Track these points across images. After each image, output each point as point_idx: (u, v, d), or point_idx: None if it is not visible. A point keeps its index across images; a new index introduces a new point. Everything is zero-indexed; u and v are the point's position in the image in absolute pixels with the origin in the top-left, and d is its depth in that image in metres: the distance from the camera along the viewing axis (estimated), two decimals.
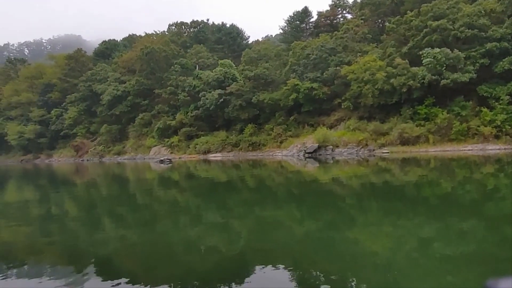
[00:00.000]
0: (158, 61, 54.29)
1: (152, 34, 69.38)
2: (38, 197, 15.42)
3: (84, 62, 68.72)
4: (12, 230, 8.65)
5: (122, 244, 6.95)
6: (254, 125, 42.63)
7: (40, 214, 10.72)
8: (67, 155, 60.81)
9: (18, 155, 69.21)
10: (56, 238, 7.65)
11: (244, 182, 17.05)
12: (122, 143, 56.16)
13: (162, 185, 18.04)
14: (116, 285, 4.61)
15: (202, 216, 9.54)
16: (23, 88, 71.19)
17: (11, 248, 7.07)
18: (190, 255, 5.97)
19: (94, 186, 19.11)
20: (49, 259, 6.12)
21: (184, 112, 47.96)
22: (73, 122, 61.74)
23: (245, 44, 63.75)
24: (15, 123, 68.34)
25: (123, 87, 55.80)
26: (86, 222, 9.41)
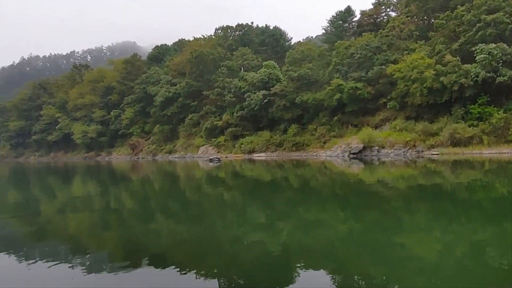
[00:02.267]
0: (206, 64, 55.43)
1: (200, 38, 70.96)
2: (99, 191, 16.30)
3: (139, 66, 71.74)
4: (78, 220, 9.24)
5: (173, 237, 7.17)
6: (297, 125, 42.20)
7: (101, 207, 11.32)
8: (124, 153, 63.81)
9: (82, 153, 73.78)
10: (115, 229, 8.06)
11: (287, 182, 16.90)
12: (173, 142, 58.04)
13: (210, 183, 18.37)
14: (167, 276, 4.78)
15: (247, 214, 9.55)
16: (86, 91, 75.49)
17: (76, 236, 7.56)
18: (235, 250, 6.03)
19: (148, 182, 19.88)
20: (108, 248, 6.46)
21: (230, 112, 48.60)
22: (130, 122, 64.73)
23: (288, 46, 63.32)
24: (80, 123, 72.88)
25: (174, 89, 57.61)
26: (141, 215, 9.80)
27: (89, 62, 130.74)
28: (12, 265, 5.43)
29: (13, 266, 5.41)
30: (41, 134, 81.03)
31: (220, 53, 57.59)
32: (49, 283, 4.74)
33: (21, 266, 5.42)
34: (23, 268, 5.27)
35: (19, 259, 5.75)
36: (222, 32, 71.08)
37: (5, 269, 5.29)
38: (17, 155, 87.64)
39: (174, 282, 4.58)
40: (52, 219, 9.76)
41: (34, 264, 5.47)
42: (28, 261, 5.61)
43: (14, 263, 5.56)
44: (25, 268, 5.30)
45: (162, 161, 45.05)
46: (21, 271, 5.17)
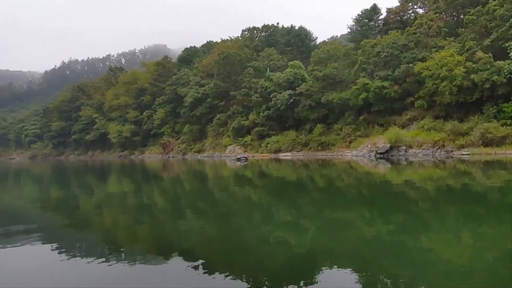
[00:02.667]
0: (233, 65, 55.75)
1: (227, 40, 71.43)
2: (133, 189, 16.71)
3: (170, 68, 73.11)
4: (113, 217, 9.57)
5: (202, 235, 7.25)
6: (323, 125, 41.70)
7: (135, 204, 11.59)
8: (156, 152, 65.26)
9: (117, 152, 76.10)
10: (147, 226, 8.22)
11: (313, 182, 16.73)
12: (201, 142, 58.80)
13: (237, 182, 18.49)
14: (195, 272, 4.86)
15: (273, 213, 9.54)
16: (121, 93, 77.68)
17: (111, 232, 7.82)
18: (261, 249, 6.03)
19: (179, 181, 20.25)
20: (140, 244, 6.63)
21: (257, 112, 48.69)
22: (161, 122, 66.15)
23: (313, 46, 62.67)
24: (115, 123, 75.15)
25: (203, 90, 58.31)
26: (171, 212, 10.00)
27: (123, 65, 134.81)
28: (54, 257, 5.71)
29: (55, 257, 5.68)
30: (80, 133, 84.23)
31: (247, 54, 57.78)
32: (87, 274, 4.96)
33: (61, 257, 5.69)
34: (63, 260, 5.53)
35: (60, 251, 6.04)
36: (249, 33, 71.30)
37: (47, 260, 5.56)
38: (59, 154, 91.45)
39: (202, 279, 4.65)
40: (90, 214, 10.13)
41: (73, 256, 5.75)
42: (68, 253, 5.90)
43: (55, 254, 5.84)
44: (66, 259, 5.57)
45: (191, 160, 45.71)
46: (61, 262, 5.42)
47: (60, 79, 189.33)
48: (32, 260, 5.61)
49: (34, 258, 5.72)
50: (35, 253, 5.91)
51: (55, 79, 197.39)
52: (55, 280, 4.78)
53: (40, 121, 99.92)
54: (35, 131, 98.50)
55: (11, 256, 5.76)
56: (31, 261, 5.60)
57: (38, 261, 5.58)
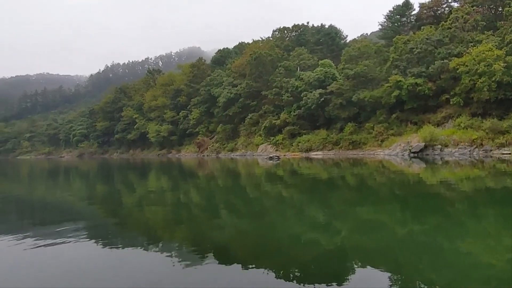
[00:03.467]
0: (265, 65, 55.72)
1: (258, 41, 71.47)
2: (171, 185, 17.14)
3: (204, 69, 74.18)
4: (152, 212, 9.83)
5: (235, 231, 7.32)
6: (354, 123, 40.74)
7: (172, 200, 11.87)
8: (192, 150, 66.50)
9: (156, 150, 78.24)
10: (184, 221, 8.41)
11: (344, 181, 16.40)
12: (234, 141, 59.23)
13: (269, 180, 18.47)
14: (229, 268, 4.92)
15: (304, 212, 9.44)
16: (159, 94, 79.77)
17: (150, 227, 8.04)
18: (293, 247, 5.98)
19: (213, 179, 20.52)
20: (177, 239, 6.76)
21: (288, 111, 48.40)
22: (196, 122, 67.33)
23: (343, 44, 61.38)
24: (154, 123, 77.30)
25: (235, 90, 58.70)
26: (206, 209, 10.14)
27: (160, 67, 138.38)
28: (98, 251, 5.97)
29: (99, 251, 5.94)
30: (122, 133, 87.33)
31: (278, 54, 57.58)
32: (125, 265, 5.16)
33: (104, 249, 5.96)
34: (106, 253, 5.78)
35: (105, 245, 6.30)
36: (279, 33, 70.98)
37: (92, 254, 5.81)
38: (103, 152, 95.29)
39: (235, 274, 4.69)
40: (131, 210, 10.48)
41: (115, 248, 6.01)
42: (111, 246, 6.19)
43: (100, 249, 6.10)
44: (109, 253, 5.82)
45: (225, 159, 46.14)
46: (105, 256, 5.67)
47: (104, 81, 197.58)
48: (79, 251, 5.90)
49: (81, 249, 6.00)
50: (82, 246, 6.20)
51: (99, 82, 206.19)
52: (96, 270, 5.01)
53: (86, 122, 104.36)
54: (82, 131, 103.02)
55: (63, 248, 6.07)
56: (79, 251, 5.89)
57: (84, 252, 5.86)
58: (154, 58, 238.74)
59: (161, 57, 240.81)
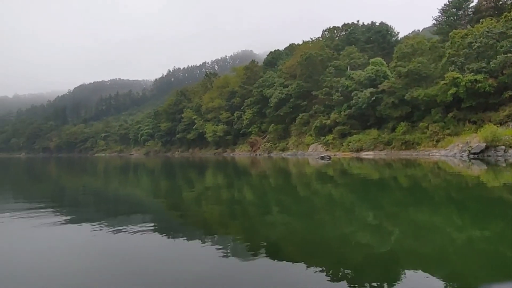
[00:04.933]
0: (315, 65, 54.86)
1: (308, 41, 70.56)
2: (226, 183, 17.57)
3: (257, 71, 74.96)
4: (208, 207, 10.17)
5: (286, 229, 7.27)
6: (407, 123, 38.47)
7: (227, 196, 12.15)
8: (245, 150, 67.52)
9: (212, 149, 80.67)
10: (238, 217, 8.56)
11: (396, 182, 15.56)
12: (285, 140, 59.11)
13: (319, 180, 18.17)
14: (279, 266, 4.89)
15: (355, 212, 9.13)
16: (215, 96, 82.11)
17: (207, 221, 8.31)
18: (342, 247, 5.84)
19: (265, 177, 20.66)
20: (231, 234, 6.90)
21: (338, 111, 47.18)
22: (249, 122, 68.26)
23: (395, 41, 58.22)
24: (211, 124, 79.76)
25: (286, 91, 58.55)
26: (259, 206, 10.24)
27: (216, 71, 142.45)
28: (159, 241, 6.27)
29: (159, 241, 6.24)
30: (183, 133, 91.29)
31: (328, 53, 56.36)
32: (183, 258, 5.36)
33: (164, 241, 6.24)
34: (166, 243, 6.07)
35: (165, 236, 6.64)
36: (329, 33, 69.38)
37: (153, 243, 6.12)
38: (166, 151, 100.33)
39: (284, 271, 4.68)
40: (190, 204, 10.89)
41: (174, 241, 6.28)
42: (171, 238, 6.46)
43: (160, 239, 6.43)
44: (168, 243, 6.10)
45: (276, 158, 46.15)
46: (164, 246, 5.93)
47: (167, 85, 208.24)
48: (141, 240, 6.25)
49: (144, 239, 6.35)
50: (145, 235, 6.55)
51: (163, 86, 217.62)
52: (154, 258, 5.29)
53: (152, 123, 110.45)
54: (148, 131, 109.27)
55: (127, 236, 6.47)
56: (141, 240, 6.24)
57: (146, 241, 6.20)
58: (211, 62, 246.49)
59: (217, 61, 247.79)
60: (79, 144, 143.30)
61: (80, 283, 4.39)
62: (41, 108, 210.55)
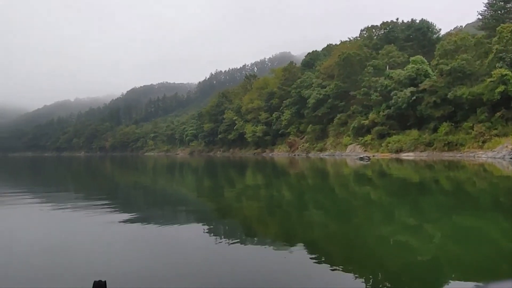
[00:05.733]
0: (353, 65, 53.29)
1: (346, 41, 68.71)
2: (265, 182, 17.69)
3: (295, 72, 74.28)
4: (248, 205, 10.32)
5: (324, 229, 7.18)
6: (449, 123, 35.99)
7: (266, 195, 12.22)
8: (283, 150, 67.14)
9: (252, 149, 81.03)
10: (276, 216, 8.58)
11: (438, 184, 14.71)
12: (323, 141, 57.99)
13: (357, 181, 17.70)
14: (316, 265, 4.85)
15: (394, 215, 8.80)
16: (255, 97, 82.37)
17: (247, 218, 8.44)
18: (380, 251, 5.62)
19: (303, 177, 20.52)
20: (270, 232, 6.92)
21: (376, 111, 45.38)
22: (287, 123, 67.77)
23: (436, 38, 54.68)
24: (250, 124, 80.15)
25: (324, 91, 57.44)
26: (297, 206, 10.17)
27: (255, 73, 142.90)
28: (200, 235, 6.42)
29: (201, 236, 6.39)
30: (224, 133, 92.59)
31: (366, 53, 54.44)
32: (224, 253, 5.46)
33: (205, 237, 6.37)
34: (206, 239, 6.17)
35: (206, 231, 6.81)
36: (367, 32, 66.91)
37: (194, 237, 6.29)
38: (209, 150, 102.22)
39: (321, 271, 4.61)
40: (231, 202, 11.10)
41: (215, 236, 6.40)
42: (212, 233, 6.60)
43: (201, 233, 6.58)
44: (209, 239, 6.21)
45: (314, 158, 45.44)
46: (205, 241, 6.02)
47: (209, 88, 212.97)
48: (183, 233, 6.51)
49: (185, 232, 6.61)
50: (186, 229, 6.84)
51: (205, 88, 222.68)
52: (193, 251, 5.43)
53: (195, 123, 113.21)
54: (192, 132, 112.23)
55: (169, 229, 6.79)
56: (183, 233, 6.50)
57: (187, 234, 6.44)
58: (250, 65, 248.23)
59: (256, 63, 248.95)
60: (131, 143, 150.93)
61: (128, 270, 4.62)
62: (98, 111, 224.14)
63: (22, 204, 10.26)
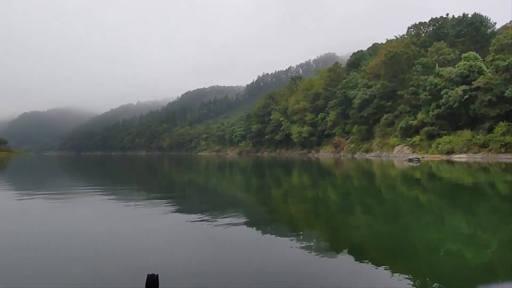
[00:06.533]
0: (400, 64, 50.59)
1: (393, 40, 65.31)
2: (311, 182, 17.51)
3: (340, 73, 72.43)
4: (294, 204, 10.27)
5: (369, 231, 6.96)
6: (507, 123, 32.58)
7: (312, 196, 12.11)
8: (328, 150, 65.71)
9: (298, 150, 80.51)
10: (322, 216, 8.47)
11: (494, 188, 13.46)
12: (369, 142, 55.86)
13: (405, 183, 16.81)
14: (363, 267, 4.76)
15: (444, 219, 8.21)
16: (300, 98, 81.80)
17: (293, 217, 8.42)
18: (430, 255, 5.33)
19: (349, 178, 19.95)
20: (316, 232, 6.85)
21: (425, 111, 42.57)
22: (333, 124, 66.29)
23: (491, 33, 49.63)
24: (296, 125, 79.73)
25: (370, 91, 55.33)
26: (342, 206, 9.99)
27: (301, 74, 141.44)
28: (251, 236, 6.38)
29: (252, 236, 6.36)
30: (271, 134, 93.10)
31: (414, 51, 51.30)
32: (271, 251, 5.45)
33: (253, 235, 6.38)
34: (257, 239, 6.13)
35: (254, 229, 6.80)
36: (415, 30, 62.94)
37: (242, 235, 6.29)
38: (256, 151, 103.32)
39: (370, 274, 4.51)
40: (278, 201, 11.14)
41: (264, 233, 6.40)
42: (261, 234, 6.54)
43: (249, 231, 6.56)
44: (257, 236, 6.21)
45: (360, 159, 43.75)
46: (256, 241, 6.01)
47: (257, 90, 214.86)
48: (231, 231, 6.55)
49: (234, 230, 6.67)
50: (238, 228, 6.84)
51: (253, 90, 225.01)
52: (245, 251, 5.43)
53: (244, 125, 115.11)
54: (241, 133, 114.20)
55: (218, 226, 6.87)
56: (231, 231, 6.55)
57: (235, 233, 6.49)
58: (295, 67, 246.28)
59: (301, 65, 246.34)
60: (185, 143, 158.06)
61: (179, 264, 4.75)
62: (157, 113, 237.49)
63: (92, 198, 11.27)
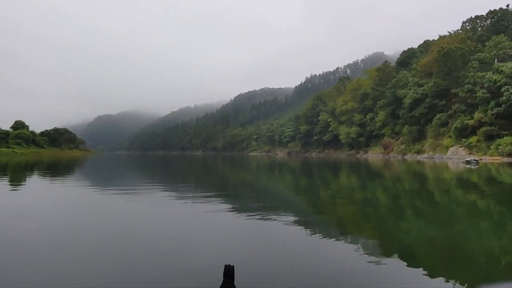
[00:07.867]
0: (454, 60, 46.22)
1: (446, 36, 59.90)
2: (360, 184, 16.86)
3: (389, 72, 68.77)
4: (343, 206, 10.04)
5: (421, 236, 6.57)
6: None
7: (361, 198, 11.73)
8: (377, 152, 62.71)
9: (346, 150, 78.07)
10: (371, 219, 8.11)
11: None
12: (420, 143, 52.03)
13: (461, 186, 15.41)
14: (414, 272, 4.55)
15: (506, 226, 7.40)
16: (348, 99, 79.31)
17: (341, 219, 8.25)
18: (488, 265, 4.90)
19: (399, 180, 18.89)
20: (364, 234, 6.63)
21: (483, 110, 38.34)
22: (382, 124, 63.14)
23: None
24: (344, 126, 77.44)
25: (421, 90, 51.59)
26: (392, 209, 9.54)
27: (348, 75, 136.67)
28: (300, 236, 6.23)
29: (300, 236, 6.21)
30: (319, 135, 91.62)
31: (469, 46, 46.52)
32: (317, 251, 5.34)
33: (301, 235, 6.23)
34: (305, 240, 5.97)
35: (305, 232, 6.55)
36: (470, 24, 57.02)
37: (293, 238, 6.13)
38: (305, 151, 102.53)
39: (421, 280, 4.30)
40: (326, 202, 11.01)
41: (310, 236, 6.21)
42: (310, 235, 6.29)
43: (301, 234, 6.38)
44: (304, 237, 6.06)
45: (411, 161, 40.79)
46: (304, 243, 5.87)
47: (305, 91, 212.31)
48: (279, 230, 6.51)
49: (282, 229, 6.59)
50: (287, 228, 6.73)
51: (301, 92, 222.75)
52: (293, 252, 5.34)
53: (293, 126, 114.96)
54: (290, 133, 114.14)
55: (273, 229, 6.80)
56: (279, 230, 6.50)
57: (282, 232, 6.44)
58: (343, 67, 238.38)
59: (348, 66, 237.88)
60: (237, 144, 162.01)
61: (225, 258, 4.72)
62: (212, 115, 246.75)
63: (153, 194, 12.11)
